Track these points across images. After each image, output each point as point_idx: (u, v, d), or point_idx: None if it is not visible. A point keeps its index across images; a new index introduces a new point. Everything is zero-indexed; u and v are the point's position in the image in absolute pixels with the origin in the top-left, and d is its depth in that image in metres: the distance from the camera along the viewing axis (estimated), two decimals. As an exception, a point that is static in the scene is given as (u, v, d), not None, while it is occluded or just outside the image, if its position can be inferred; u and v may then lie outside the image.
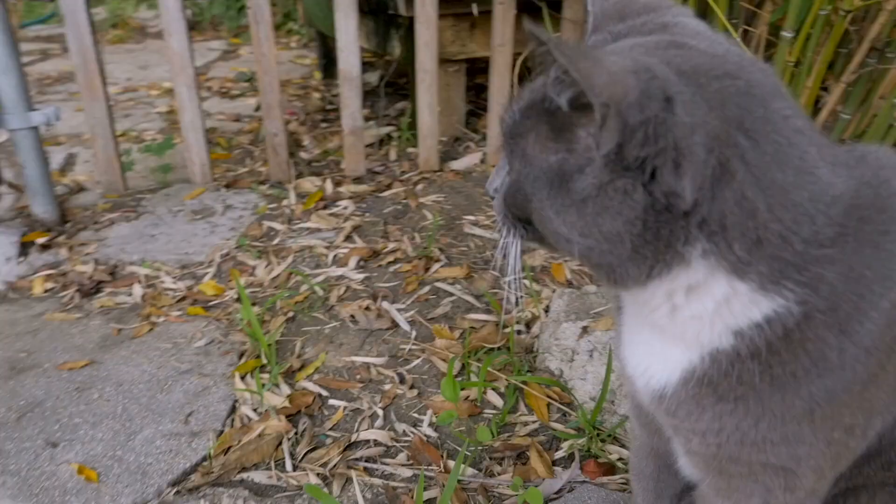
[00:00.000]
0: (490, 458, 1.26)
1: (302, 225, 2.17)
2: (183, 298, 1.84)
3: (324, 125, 3.13)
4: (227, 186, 2.46)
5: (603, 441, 1.25)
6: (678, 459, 0.85)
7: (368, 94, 3.56)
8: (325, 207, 2.27)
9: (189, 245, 2.08)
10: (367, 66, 4.00)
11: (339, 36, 2.17)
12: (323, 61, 3.68)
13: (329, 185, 2.38)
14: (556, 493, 1.15)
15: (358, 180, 2.44)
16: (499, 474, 1.22)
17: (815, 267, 0.56)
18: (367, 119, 3.06)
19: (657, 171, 0.53)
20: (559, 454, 1.25)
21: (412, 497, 1.17)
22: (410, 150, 2.70)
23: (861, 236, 0.57)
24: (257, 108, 3.16)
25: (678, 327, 0.63)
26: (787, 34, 1.48)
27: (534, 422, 1.33)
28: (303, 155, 2.71)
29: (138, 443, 1.31)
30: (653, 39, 0.61)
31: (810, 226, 0.55)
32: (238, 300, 1.82)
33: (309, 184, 2.41)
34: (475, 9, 2.31)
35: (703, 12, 1.69)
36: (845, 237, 0.56)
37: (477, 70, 2.95)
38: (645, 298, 0.62)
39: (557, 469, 1.21)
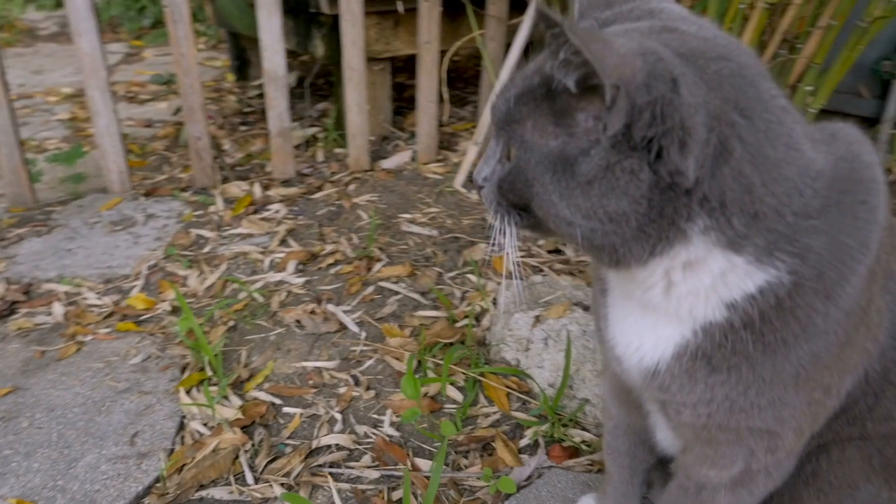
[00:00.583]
0: (456, 452, 1.26)
1: (233, 231, 2.09)
2: (111, 314, 1.73)
3: (243, 128, 3.02)
4: (147, 195, 2.34)
5: (565, 426, 1.27)
6: (656, 433, 0.88)
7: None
8: (255, 212, 2.20)
9: (111, 258, 1.96)
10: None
11: (262, 35, 2.11)
12: (236, 63, 3.56)
13: (257, 189, 2.31)
14: (525, 479, 1.17)
15: (286, 183, 2.38)
16: (466, 467, 1.22)
17: (804, 238, 0.59)
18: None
19: (663, 150, 0.54)
20: (524, 442, 1.26)
21: (382, 498, 1.15)
22: (337, 150, 2.65)
23: (842, 207, 0.61)
24: (176, 112, 3.02)
25: (673, 304, 0.65)
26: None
27: (495, 413, 1.34)
28: (226, 159, 2.61)
29: (81, 470, 1.22)
30: (645, 24, 0.62)
31: (799, 199, 0.59)
32: (172, 312, 1.74)
33: (236, 189, 2.32)
34: (400, 6, 2.29)
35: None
36: (829, 208, 0.60)
37: (397, 69, 2.94)
38: (643, 277, 0.64)
39: (524, 456, 1.22)
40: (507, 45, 2.38)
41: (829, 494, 0.76)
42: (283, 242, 2.03)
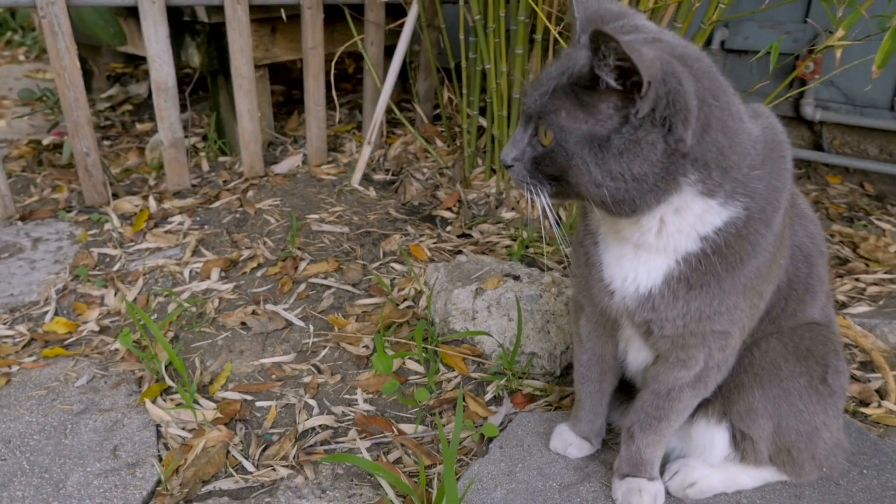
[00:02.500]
0: (430, 415, 1.41)
1: (139, 246, 2.06)
2: (29, 342, 1.66)
3: (107, 143, 2.89)
4: (23, 219, 2.20)
5: (520, 378, 1.47)
6: (627, 356, 1.11)
7: (143, 107, 3.36)
8: (156, 226, 2.17)
9: (10, 286, 1.86)
10: (126, 77, 3.73)
11: (149, 45, 2.08)
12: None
13: (153, 203, 2.27)
14: (499, 426, 1.35)
15: (179, 194, 2.35)
16: (444, 425, 1.38)
17: (752, 183, 0.85)
18: (155, 132, 2.91)
19: (673, 125, 0.76)
20: (488, 396, 1.45)
21: (379, 459, 1.28)
22: (222, 158, 2.65)
23: (771, 161, 0.87)
24: (52, 129, 2.82)
25: (662, 241, 0.88)
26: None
27: (456, 377, 1.51)
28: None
29: (73, 489, 1.21)
30: (640, 37, 0.84)
31: (750, 157, 0.84)
32: (101, 332, 1.70)
33: (128, 204, 2.26)
34: (283, 14, 2.36)
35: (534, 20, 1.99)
36: (765, 162, 0.86)
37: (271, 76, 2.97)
38: (643, 222, 0.86)
39: (492, 408, 1.41)
40: (386, 48, 2.54)
41: (761, 376, 1.04)
42: (196, 252, 2.03)
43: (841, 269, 1.98)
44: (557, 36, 1.85)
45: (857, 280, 1.93)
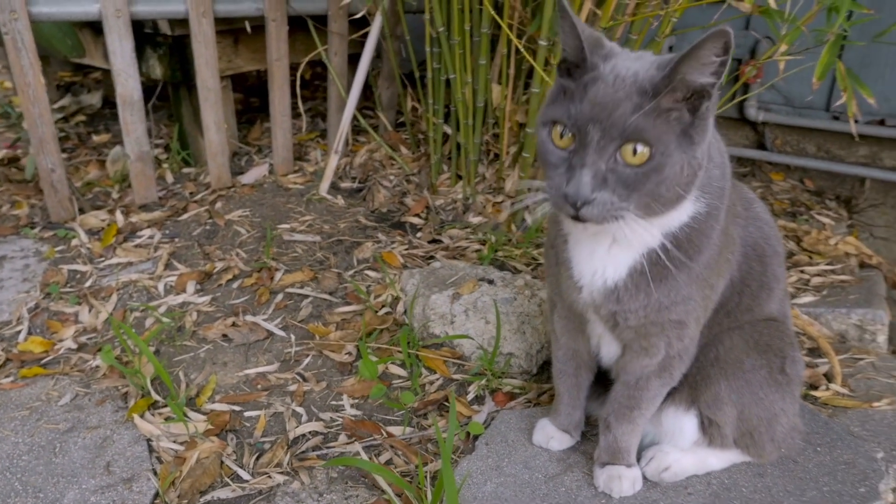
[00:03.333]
0: (416, 416, 1.47)
1: (109, 262, 2.05)
2: (5, 363, 1.66)
3: (64, 156, 2.84)
4: (-18, 237, 2.17)
5: (500, 378, 1.55)
6: (601, 350, 1.20)
7: (97, 117, 3.31)
8: (125, 240, 2.16)
9: (-20, 306, 1.84)
10: (76, 87, 3.66)
11: (114, 60, 2.07)
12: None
13: (120, 217, 2.26)
14: (483, 424, 1.42)
15: (146, 208, 2.35)
16: (429, 427, 1.45)
17: (713, 181, 0.98)
18: (114, 143, 2.89)
19: (709, 111, 0.89)
20: (469, 397, 1.52)
21: (371, 461, 1.33)
22: (186, 170, 2.65)
23: (721, 158, 0.99)
24: (13, 143, 2.76)
25: (631, 237, 0.97)
26: (542, 43, 1.92)
27: (438, 379, 1.57)
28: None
29: (70, 506, 1.23)
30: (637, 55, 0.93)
31: (710, 171, 0.94)
32: (79, 350, 1.71)
33: (94, 219, 2.24)
34: (248, 26, 2.38)
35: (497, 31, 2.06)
36: (720, 175, 0.97)
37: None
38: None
39: (475, 407, 1.48)
40: (349, 58, 2.59)
41: (726, 369, 1.14)
42: (168, 266, 2.04)
43: (787, 262, 2.12)
44: (520, 47, 1.93)
45: (801, 272, 2.07)
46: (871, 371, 1.61)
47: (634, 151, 0.85)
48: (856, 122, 1.71)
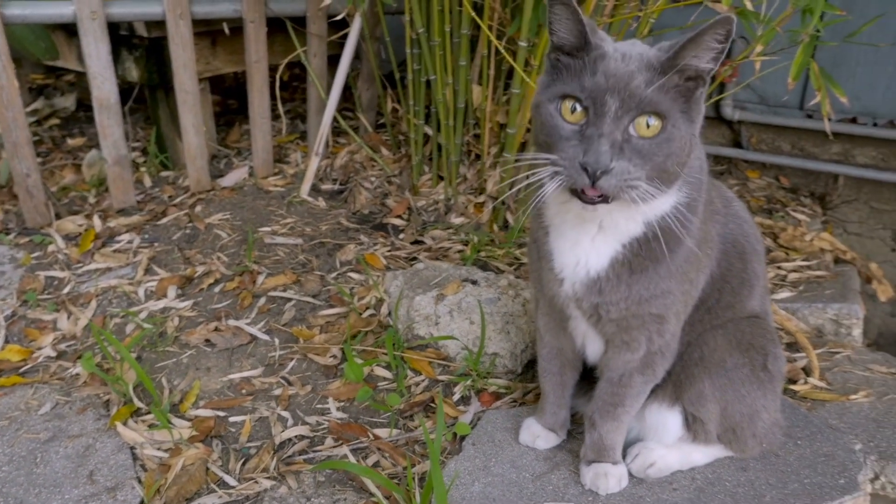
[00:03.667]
0: (402, 418, 1.48)
1: (87, 268, 2.03)
2: (-18, 372, 1.63)
3: (38, 160, 2.80)
4: (-43, 243, 2.13)
5: (485, 378, 1.56)
6: (586, 348, 1.21)
7: (71, 120, 3.26)
8: (104, 245, 2.13)
9: (-45, 315, 1.80)
10: (49, 89, 3.60)
11: (90, 63, 2.04)
12: None
13: (97, 222, 2.23)
14: (470, 424, 1.43)
15: (124, 212, 2.32)
16: (415, 428, 1.45)
17: (693, 173, 1.00)
18: (89, 147, 2.85)
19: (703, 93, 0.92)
20: (455, 397, 1.52)
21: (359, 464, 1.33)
22: (165, 173, 2.62)
23: (702, 166, 1.00)
24: None
25: (617, 224, 0.99)
26: (522, 44, 1.93)
27: (423, 380, 1.58)
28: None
29: (53, 516, 1.22)
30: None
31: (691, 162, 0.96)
32: (58, 357, 1.68)
33: (71, 224, 2.21)
34: (226, 28, 2.36)
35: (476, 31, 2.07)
36: (699, 167, 0.99)
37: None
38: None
39: (461, 407, 1.49)
40: (329, 59, 2.58)
41: (710, 368, 1.16)
42: (148, 271, 2.02)
43: (765, 259, 2.16)
44: (500, 48, 1.94)
45: (778, 268, 2.11)
46: (848, 364, 1.64)
47: (647, 124, 0.89)
48: (829, 119, 1.74)
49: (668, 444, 1.23)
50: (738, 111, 2.71)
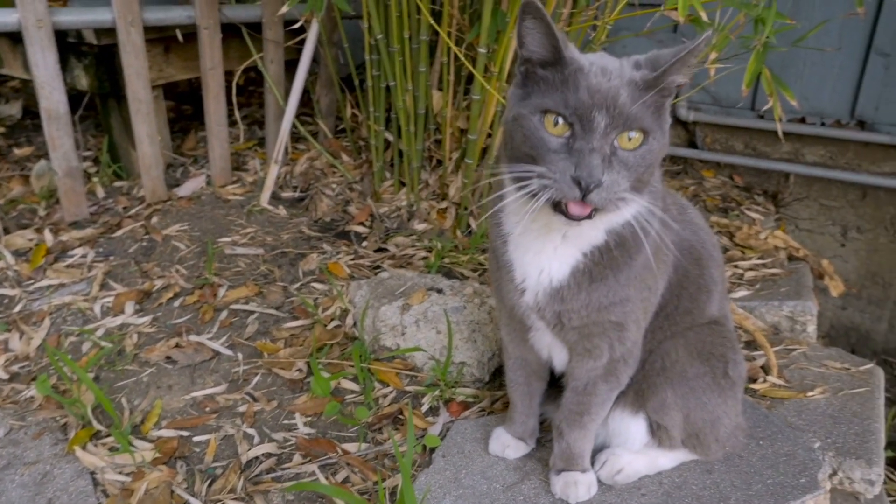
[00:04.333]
0: (371, 431, 1.47)
1: (39, 284, 1.96)
2: (-71, 398, 1.56)
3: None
4: None
5: (453, 387, 1.56)
6: (553, 360, 1.22)
7: (17, 129, 3.15)
8: (56, 260, 2.07)
9: None
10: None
11: (37, 72, 1.97)
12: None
13: (49, 236, 2.15)
14: (439, 435, 1.43)
15: (76, 225, 2.25)
16: (385, 441, 1.44)
17: (654, 183, 1.01)
18: (38, 157, 2.76)
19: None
20: (424, 408, 1.52)
21: (328, 480, 1.32)
22: (118, 183, 2.55)
23: (659, 174, 1.03)
24: None
25: (581, 233, 1.00)
26: (481, 50, 1.93)
27: (391, 392, 1.57)
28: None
29: (11, 550, 1.17)
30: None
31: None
32: (10, 380, 1.62)
33: (20, 239, 2.14)
34: (179, 34, 2.30)
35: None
36: (657, 178, 1.02)
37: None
38: None
39: (430, 419, 1.48)
40: (286, 64, 2.54)
41: (672, 378, 1.18)
42: (104, 286, 1.96)
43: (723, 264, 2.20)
44: (460, 54, 1.93)
45: (735, 267, 2.16)
46: (804, 361, 1.69)
47: (629, 137, 0.91)
48: (780, 121, 1.79)
49: (634, 450, 1.25)
50: (692, 112, 2.77)
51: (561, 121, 0.91)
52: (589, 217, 0.92)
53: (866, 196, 2.60)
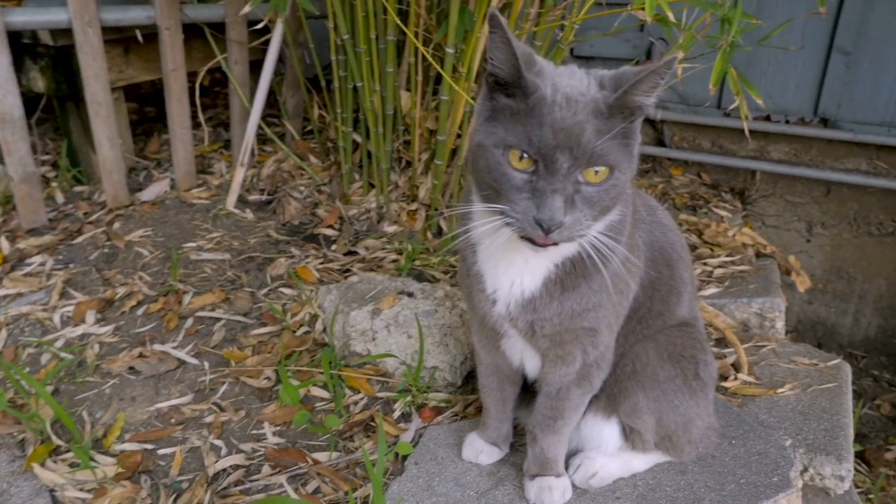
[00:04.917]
0: (342, 439, 1.44)
1: (-5, 294, 1.89)
2: None
3: (-65, 177, 2.60)
4: None
5: (425, 393, 1.54)
6: (525, 365, 1.20)
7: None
8: (13, 269, 2.00)
9: None
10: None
11: (-11, 75, 1.91)
12: None
13: (5, 244, 2.08)
14: (411, 442, 1.40)
15: (34, 232, 2.18)
16: (356, 449, 1.41)
17: (627, 191, 1.00)
18: (-6, 162, 2.66)
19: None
20: (396, 414, 1.50)
21: (298, 491, 1.29)
22: (78, 188, 2.48)
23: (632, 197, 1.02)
24: None
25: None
26: (449, 50, 1.91)
27: (362, 398, 1.54)
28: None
29: (-36, 575, 1.12)
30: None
31: None
32: (-35, 395, 1.56)
33: (-25, 247, 2.06)
34: (139, 35, 2.24)
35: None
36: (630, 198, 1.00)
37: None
38: None
39: (402, 425, 1.46)
40: (251, 64, 2.49)
41: (643, 382, 1.18)
42: (64, 295, 1.90)
43: (691, 256, 2.22)
44: (427, 55, 1.91)
45: (704, 264, 2.17)
46: (773, 357, 1.71)
47: (595, 172, 0.89)
48: (746, 119, 1.81)
49: (608, 454, 1.24)
50: (660, 111, 2.78)
51: (525, 156, 0.89)
52: (555, 244, 0.91)
53: (830, 192, 2.64)
